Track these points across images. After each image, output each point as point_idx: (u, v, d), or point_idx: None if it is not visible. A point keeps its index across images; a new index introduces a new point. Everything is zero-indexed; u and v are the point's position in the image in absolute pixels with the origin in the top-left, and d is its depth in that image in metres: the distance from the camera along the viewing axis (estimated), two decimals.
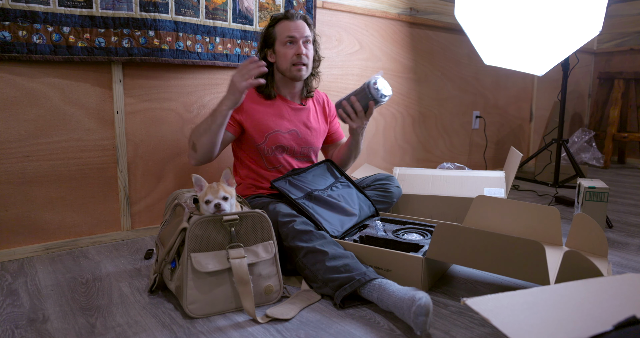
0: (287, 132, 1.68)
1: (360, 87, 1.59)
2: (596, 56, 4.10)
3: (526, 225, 1.56)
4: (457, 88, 3.02)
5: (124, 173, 1.77)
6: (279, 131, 1.66)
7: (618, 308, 0.81)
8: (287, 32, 1.62)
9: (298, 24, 1.63)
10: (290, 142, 1.68)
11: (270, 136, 1.65)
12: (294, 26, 1.63)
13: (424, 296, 1.09)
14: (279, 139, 1.66)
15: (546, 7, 2.17)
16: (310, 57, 1.67)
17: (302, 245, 1.32)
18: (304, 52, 1.63)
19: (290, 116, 1.70)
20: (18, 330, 1.12)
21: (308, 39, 1.65)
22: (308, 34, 1.65)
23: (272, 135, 1.65)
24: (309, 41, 1.66)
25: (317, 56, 1.74)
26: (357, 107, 1.59)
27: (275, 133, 1.66)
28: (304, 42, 1.64)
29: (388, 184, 1.81)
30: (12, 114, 1.54)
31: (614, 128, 3.65)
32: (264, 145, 1.65)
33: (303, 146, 1.72)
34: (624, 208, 2.40)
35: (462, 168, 2.38)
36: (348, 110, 1.61)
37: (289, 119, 1.69)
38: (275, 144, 1.66)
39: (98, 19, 1.60)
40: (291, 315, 1.19)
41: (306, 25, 1.66)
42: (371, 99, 1.57)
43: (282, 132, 1.67)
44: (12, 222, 1.59)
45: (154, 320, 1.17)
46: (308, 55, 1.65)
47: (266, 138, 1.65)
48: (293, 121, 1.70)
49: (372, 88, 1.55)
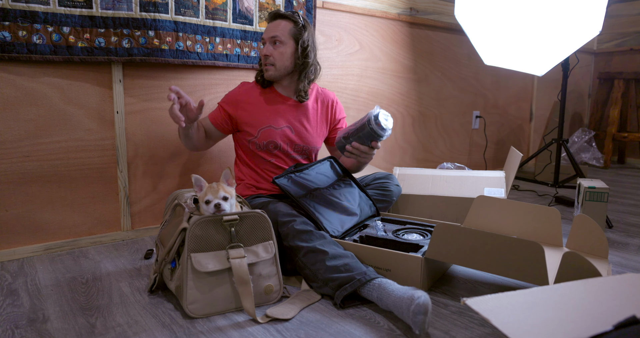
0: (280, 128, 1.67)
1: (360, 126, 1.49)
2: (596, 56, 4.10)
3: (526, 226, 1.56)
4: (457, 88, 3.02)
5: (124, 173, 1.77)
6: (272, 127, 1.66)
7: (618, 308, 0.81)
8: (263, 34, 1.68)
9: (272, 24, 1.64)
10: (283, 138, 1.68)
11: (262, 131, 1.65)
12: (268, 27, 1.66)
13: (423, 295, 1.09)
14: (272, 135, 1.66)
15: (546, 7, 2.17)
16: (278, 57, 1.63)
17: (302, 244, 1.32)
18: (266, 52, 1.62)
19: (285, 112, 1.69)
20: (18, 330, 1.12)
21: (276, 38, 1.62)
22: (276, 34, 1.62)
23: (265, 130, 1.65)
24: (277, 40, 1.62)
25: (304, 58, 1.65)
26: (362, 149, 1.51)
27: (267, 128, 1.66)
28: (271, 42, 1.63)
29: (387, 183, 1.81)
30: (12, 114, 1.54)
31: (614, 128, 3.65)
32: (255, 140, 1.65)
33: (297, 144, 1.71)
34: (624, 208, 2.40)
35: (462, 168, 2.38)
36: (354, 153, 1.53)
37: (283, 115, 1.69)
38: (267, 140, 1.65)
39: (98, 19, 1.60)
40: (291, 315, 1.19)
41: (283, 23, 1.62)
42: (375, 139, 1.48)
43: (275, 128, 1.66)
44: (12, 222, 1.59)
45: (154, 320, 1.17)
46: (274, 55, 1.62)
47: (258, 132, 1.65)
48: (287, 118, 1.69)
49: (375, 128, 1.44)
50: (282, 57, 1.63)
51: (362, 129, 1.47)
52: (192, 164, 1.93)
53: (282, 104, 1.70)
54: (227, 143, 1.99)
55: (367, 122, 1.45)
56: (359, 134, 1.49)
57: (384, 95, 2.61)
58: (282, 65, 1.64)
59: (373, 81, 2.54)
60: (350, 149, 1.52)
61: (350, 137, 1.52)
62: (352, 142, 1.51)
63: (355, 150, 1.52)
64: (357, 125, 1.51)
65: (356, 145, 1.51)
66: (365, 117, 1.48)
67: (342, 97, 2.40)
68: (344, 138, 1.54)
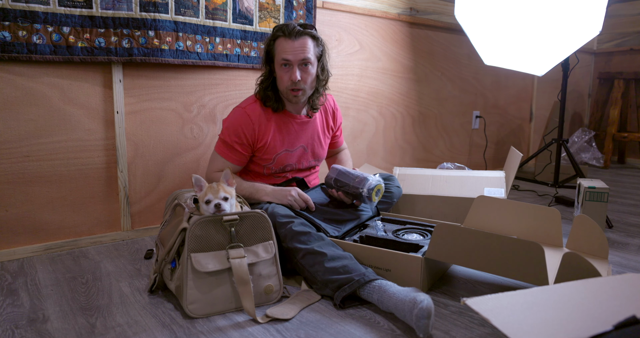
0: (295, 150, 1.65)
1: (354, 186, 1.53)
2: (596, 56, 4.10)
3: (527, 226, 1.56)
4: (457, 88, 3.02)
5: (124, 173, 1.77)
6: (287, 150, 1.63)
7: (618, 308, 0.81)
8: (282, 54, 1.49)
9: (295, 45, 1.48)
10: (297, 159, 1.67)
11: (278, 157, 1.62)
12: (290, 47, 1.48)
13: (426, 298, 1.09)
14: (287, 159, 1.64)
15: (546, 7, 2.17)
16: (308, 81, 1.53)
17: (301, 246, 1.32)
18: (298, 78, 1.49)
19: (298, 133, 1.65)
20: (18, 330, 1.12)
21: (306, 61, 1.49)
22: (306, 56, 1.49)
23: (281, 155, 1.62)
24: (308, 63, 1.50)
25: (323, 75, 1.59)
26: (345, 200, 1.59)
27: (284, 153, 1.62)
28: (301, 65, 1.50)
29: (389, 184, 1.81)
30: (12, 114, 1.54)
31: (614, 128, 3.65)
32: (272, 166, 1.63)
33: (310, 160, 1.71)
34: (624, 208, 2.40)
35: (462, 168, 2.38)
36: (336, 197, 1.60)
37: (297, 136, 1.64)
38: (283, 164, 1.64)
39: (98, 19, 1.60)
40: (291, 315, 1.19)
41: (309, 42, 1.50)
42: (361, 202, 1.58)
43: (291, 150, 1.64)
44: (12, 222, 1.59)
45: (154, 320, 1.17)
46: (305, 79, 1.52)
47: (274, 159, 1.62)
48: (301, 138, 1.66)
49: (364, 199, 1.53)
50: (310, 79, 1.54)
51: (354, 189, 1.54)
52: (192, 164, 1.93)
53: (294, 124, 1.63)
54: None
55: (361, 192, 1.52)
56: (349, 191, 1.56)
57: (384, 95, 2.61)
58: (309, 87, 1.56)
59: (373, 81, 2.54)
60: (334, 194, 1.60)
61: (341, 187, 1.57)
62: (339, 191, 1.58)
63: (338, 198, 1.59)
64: (352, 181, 1.55)
65: (342, 196, 1.58)
66: (363, 180, 1.52)
67: (342, 97, 2.40)
68: (335, 181, 1.58)
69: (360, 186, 1.52)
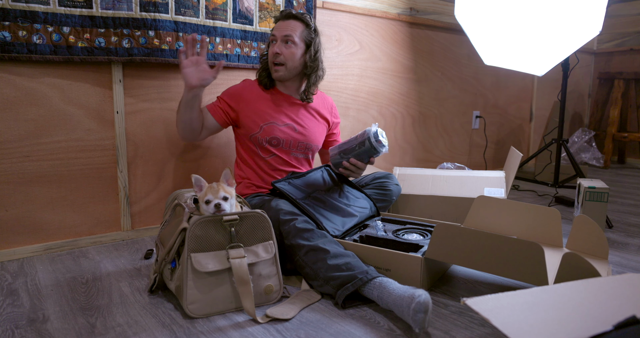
0: (283, 125, 1.67)
1: (359, 143, 1.54)
2: (596, 56, 4.10)
3: (527, 226, 1.56)
4: (457, 88, 3.02)
5: (124, 173, 1.77)
6: (274, 123, 1.66)
7: (618, 308, 0.81)
8: (272, 31, 1.67)
9: (284, 23, 1.64)
10: (285, 135, 1.68)
11: (265, 126, 1.65)
12: (280, 25, 1.65)
13: (423, 293, 1.09)
14: (274, 131, 1.66)
15: (546, 7, 2.17)
16: (289, 57, 1.63)
17: (304, 243, 1.32)
18: (278, 50, 1.62)
19: (287, 110, 1.70)
20: (18, 330, 1.12)
21: (289, 38, 1.62)
22: (289, 33, 1.62)
23: (267, 126, 1.65)
24: (290, 40, 1.63)
25: (314, 63, 1.67)
26: (360, 166, 1.60)
27: (270, 124, 1.66)
28: (284, 41, 1.63)
29: (387, 183, 1.81)
30: (12, 114, 1.54)
31: (614, 128, 3.65)
32: (258, 135, 1.65)
33: (300, 142, 1.71)
34: (624, 208, 2.40)
35: (462, 168, 2.38)
36: (351, 169, 1.61)
37: (286, 113, 1.69)
38: (270, 136, 1.65)
39: (98, 19, 1.60)
40: (291, 315, 1.19)
41: (298, 24, 1.64)
42: (373, 155, 1.57)
43: (278, 124, 1.67)
44: (12, 222, 1.59)
45: (154, 320, 1.17)
46: (285, 54, 1.62)
47: (261, 128, 1.65)
48: (290, 115, 1.70)
49: (375, 144, 1.52)
50: (293, 57, 1.64)
51: (361, 145, 1.54)
52: (192, 164, 1.93)
53: (284, 101, 1.71)
54: (228, 143, 1.99)
55: (368, 139, 1.52)
56: (357, 151, 1.55)
57: (384, 95, 2.61)
58: (292, 66, 1.65)
59: (373, 81, 2.54)
60: (347, 166, 1.59)
61: (348, 153, 1.57)
62: (349, 158, 1.57)
63: (352, 166, 1.59)
64: (353, 142, 1.57)
65: (354, 161, 1.58)
66: (362, 135, 1.54)
67: (342, 97, 2.40)
68: (341, 154, 1.59)
69: (365, 138, 1.54)
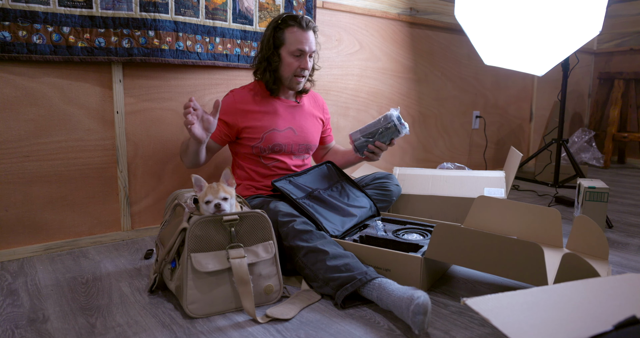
0: (283, 130, 1.68)
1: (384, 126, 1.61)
2: (596, 56, 4.10)
3: (527, 226, 1.56)
4: (457, 88, 3.02)
5: (124, 173, 1.77)
6: (275, 130, 1.66)
7: (618, 308, 0.81)
8: (298, 44, 1.60)
9: (309, 37, 1.62)
10: (286, 140, 1.68)
11: (266, 135, 1.65)
12: (305, 38, 1.61)
13: (423, 295, 1.09)
14: (275, 138, 1.66)
15: (546, 7, 2.17)
16: (309, 69, 1.69)
17: (303, 244, 1.32)
18: (308, 66, 1.65)
19: (285, 114, 1.70)
20: (18, 330, 1.12)
21: (313, 53, 1.67)
22: (315, 48, 1.66)
23: (268, 134, 1.65)
24: (312, 55, 1.68)
25: (316, 65, 1.75)
26: (384, 148, 1.64)
27: (271, 132, 1.65)
28: (310, 56, 1.66)
29: (387, 183, 1.81)
30: (12, 114, 1.54)
31: (614, 128, 3.65)
32: (260, 145, 1.65)
33: (300, 144, 1.72)
34: (624, 208, 2.40)
35: (462, 168, 2.38)
36: (375, 152, 1.65)
37: (284, 117, 1.69)
38: (272, 143, 1.65)
39: (98, 19, 1.60)
40: (291, 315, 1.19)
41: (314, 35, 1.66)
42: (395, 136, 1.62)
43: (279, 130, 1.67)
44: (12, 222, 1.59)
45: (154, 320, 1.17)
46: (309, 68, 1.67)
47: (262, 137, 1.64)
48: (289, 119, 1.70)
49: (399, 126, 1.59)
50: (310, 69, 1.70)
51: (385, 128, 1.60)
52: None
53: (281, 106, 1.71)
54: None
55: (392, 122, 1.59)
56: (382, 133, 1.61)
57: (384, 95, 2.61)
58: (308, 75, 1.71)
59: (373, 81, 2.54)
60: (373, 148, 1.64)
61: (372, 136, 1.63)
62: (374, 141, 1.63)
63: (376, 149, 1.64)
64: (377, 126, 1.63)
65: (379, 144, 1.63)
66: (385, 119, 1.61)
67: (342, 97, 2.40)
68: (365, 137, 1.64)
69: (389, 121, 1.60)
